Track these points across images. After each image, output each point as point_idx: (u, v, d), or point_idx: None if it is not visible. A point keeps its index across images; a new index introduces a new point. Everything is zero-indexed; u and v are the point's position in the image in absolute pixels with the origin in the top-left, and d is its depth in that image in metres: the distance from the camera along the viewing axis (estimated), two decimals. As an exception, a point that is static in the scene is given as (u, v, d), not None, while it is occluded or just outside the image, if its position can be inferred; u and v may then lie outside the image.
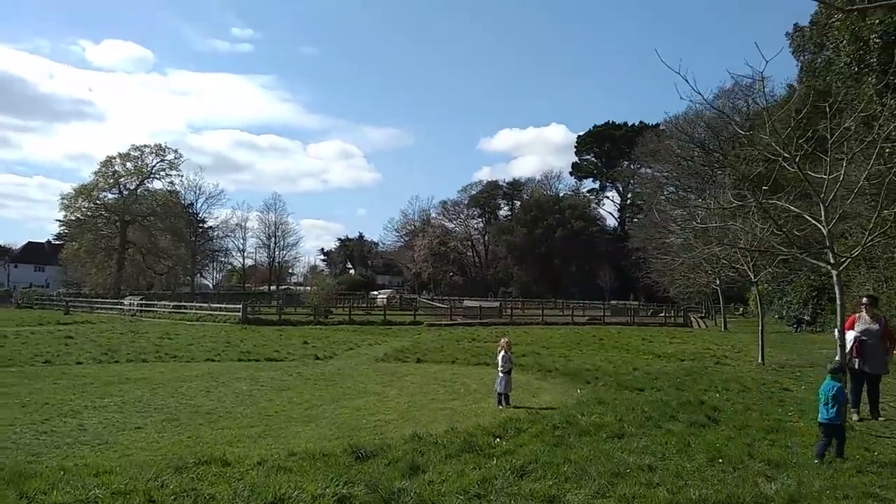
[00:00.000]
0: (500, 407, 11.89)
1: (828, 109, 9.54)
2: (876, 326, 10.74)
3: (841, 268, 10.12)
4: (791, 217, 11.11)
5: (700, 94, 10.25)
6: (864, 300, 11.09)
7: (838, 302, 10.17)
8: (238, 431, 9.92)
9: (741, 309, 57.74)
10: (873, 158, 9.79)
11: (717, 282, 37.85)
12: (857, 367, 10.73)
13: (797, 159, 9.86)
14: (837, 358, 10.27)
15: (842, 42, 18.16)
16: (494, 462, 7.69)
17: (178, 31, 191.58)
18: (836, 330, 10.86)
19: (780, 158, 10.46)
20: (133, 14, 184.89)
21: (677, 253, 44.62)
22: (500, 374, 12.17)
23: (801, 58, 31.81)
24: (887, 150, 10.40)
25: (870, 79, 17.01)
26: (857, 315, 10.93)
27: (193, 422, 10.65)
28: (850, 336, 10.69)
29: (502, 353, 12.38)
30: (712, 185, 46.01)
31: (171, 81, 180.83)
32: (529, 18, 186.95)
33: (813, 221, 10.31)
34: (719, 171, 56.33)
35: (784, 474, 7.30)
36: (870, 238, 9.91)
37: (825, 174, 10.29)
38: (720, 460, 7.80)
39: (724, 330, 39.08)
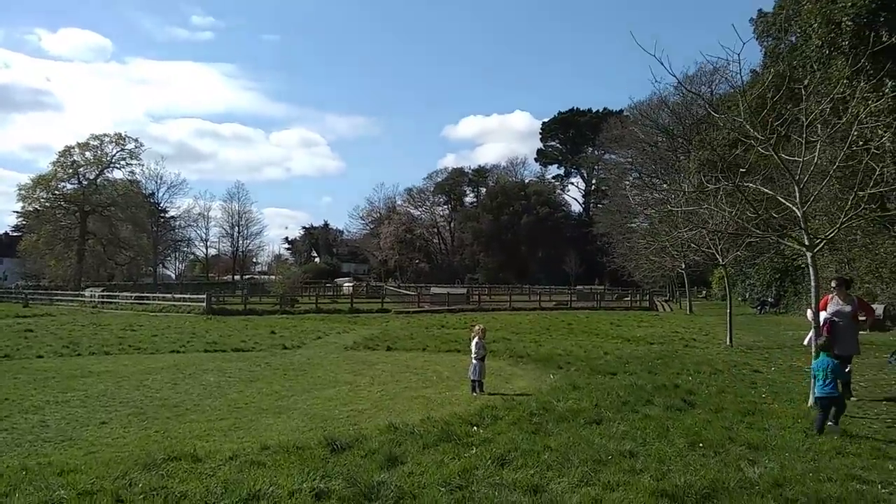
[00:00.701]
0: (475, 394, 11.75)
1: (803, 91, 9.50)
2: (848, 308, 10.79)
3: (816, 249, 10.12)
4: (764, 199, 11.08)
5: (675, 75, 10.12)
6: (833, 283, 11.14)
7: (812, 283, 10.18)
8: (207, 425, 9.62)
9: (704, 292, 58.52)
10: (849, 140, 9.77)
11: (683, 265, 38.20)
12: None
13: (771, 141, 9.81)
14: (810, 336, 10.31)
15: (813, 25, 18.23)
16: (474, 451, 7.53)
17: (137, 20, 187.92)
18: (808, 311, 10.87)
19: (753, 140, 10.43)
20: (90, 2, 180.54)
21: (642, 237, 45.07)
22: (474, 361, 12.01)
23: (765, 43, 31.99)
24: (854, 134, 10.36)
25: (839, 62, 17.13)
26: (830, 297, 10.97)
27: (161, 415, 10.31)
28: (822, 317, 10.73)
29: (476, 339, 12.22)
30: (676, 170, 46.40)
31: (131, 70, 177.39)
32: (493, 5, 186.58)
33: (787, 203, 10.29)
34: (683, 157, 56.89)
35: (765, 457, 7.26)
36: (846, 218, 9.89)
37: (798, 156, 10.26)
38: (700, 445, 7.73)
39: (690, 313, 39.50)
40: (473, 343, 12.21)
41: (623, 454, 7.32)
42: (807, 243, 10.14)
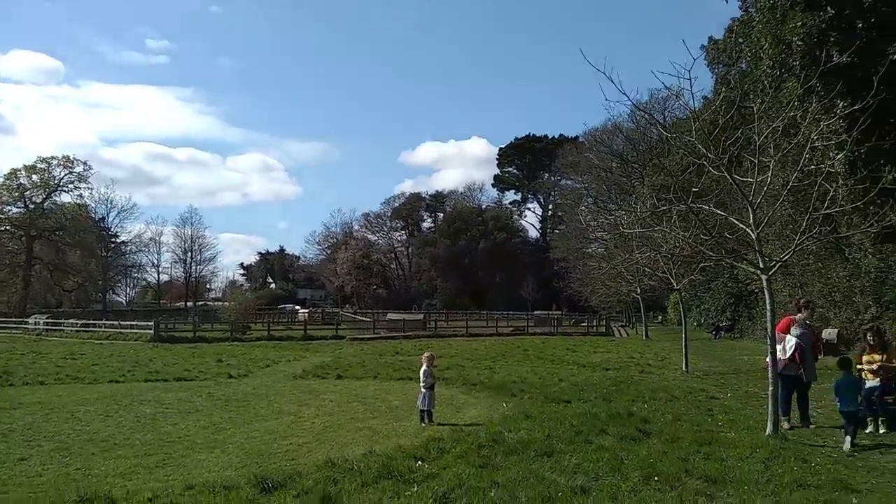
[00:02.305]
0: (423, 424, 11.24)
1: (755, 112, 9.32)
2: (809, 332, 10.59)
3: (770, 272, 9.88)
4: (717, 223, 10.86)
5: (625, 93, 9.87)
6: (802, 302, 10.94)
7: (768, 307, 9.93)
8: (134, 461, 8.97)
9: (660, 317, 58.81)
10: (802, 161, 9.60)
11: (638, 290, 38.22)
12: (794, 373, 10.54)
13: (724, 161, 9.59)
14: (768, 359, 10.05)
15: (763, 46, 18.33)
16: (415, 489, 7.00)
17: (91, 43, 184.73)
18: (788, 336, 10.58)
19: (706, 161, 10.21)
20: (42, 25, 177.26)
21: (598, 262, 45.13)
22: (423, 390, 11.53)
23: (716, 70, 32.44)
24: (807, 155, 10.21)
25: (790, 83, 17.21)
26: (794, 318, 10.72)
27: (85, 451, 9.65)
28: (791, 340, 10.46)
29: (424, 367, 11.76)
30: (631, 195, 46.67)
31: (84, 94, 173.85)
32: (449, 33, 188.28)
33: (741, 226, 10.06)
34: (637, 182, 57.47)
35: (723, 492, 6.86)
36: (801, 240, 9.68)
37: (752, 178, 10.06)
38: (656, 478, 7.31)
39: (646, 338, 39.46)
40: (422, 371, 11.76)
41: (574, 490, 6.87)
42: (761, 266, 9.90)
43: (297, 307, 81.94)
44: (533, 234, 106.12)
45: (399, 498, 6.70)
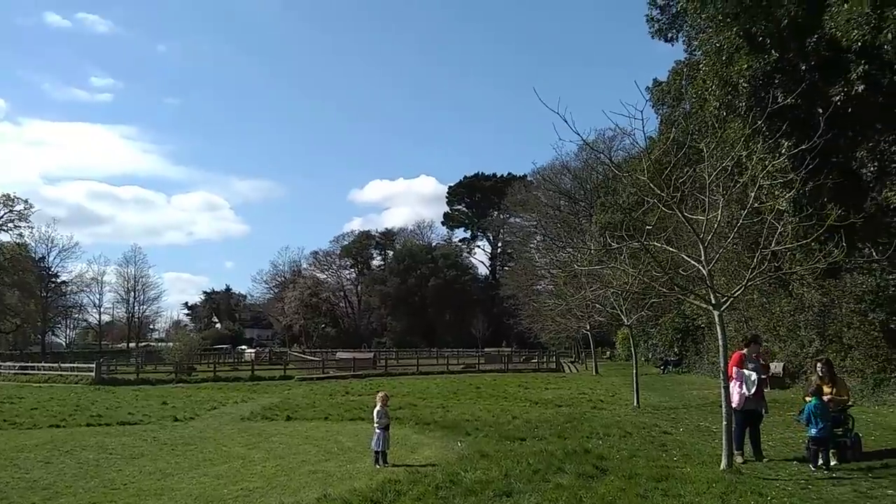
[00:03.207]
0: (378, 466, 11.02)
1: (704, 150, 9.53)
2: (759, 365, 10.75)
3: (723, 308, 10.03)
4: (669, 259, 11.03)
5: (578, 133, 10.00)
6: (750, 337, 11.11)
7: (720, 342, 10.05)
8: (76, 511, 8.58)
9: (609, 352, 59.30)
10: (751, 199, 9.83)
11: (588, 326, 38.57)
12: (754, 407, 10.67)
13: (675, 199, 9.76)
14: (723, 395, 10.14)
15: (710, 87, 18.85)
16: (373, 534, 6.82)
17: (33, 80, 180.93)
18: (752, 373, 10.69)
19: (657, 199, 10.38)
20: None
21: (548, 299, 45.45)
22: (377, 431, 11.32)
23: (660, 111, 33.26)
24: (752, 194, 10.47)
25: (736, 124, 17.72)
26: (743, 353, 10.86)
27: (26, 500, 9.31)
28: (752, 375, 10.58)
29: (378, 407, 11.56)
30: (579, 232, 47.33)
31: (26, 131, 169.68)
32: (396, 66, 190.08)
33: (692, 262, 10.22)
34: (585, 220, 58.41)
35: (684, 528, 6.84)
36: (753, 275, 9.87)
37: (702, 215, 10.26)
38: (616, 516, 7.26)
39: (596, 374, 39.68)
40: (375, 411, 11.56)
41: (536, 531, 6.77)
42: (713, 301, 10.05)
43: (244, 347, 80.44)
44: (483, 271, 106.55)
45: (357, 544, 6.50)
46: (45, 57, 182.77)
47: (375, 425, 11.39)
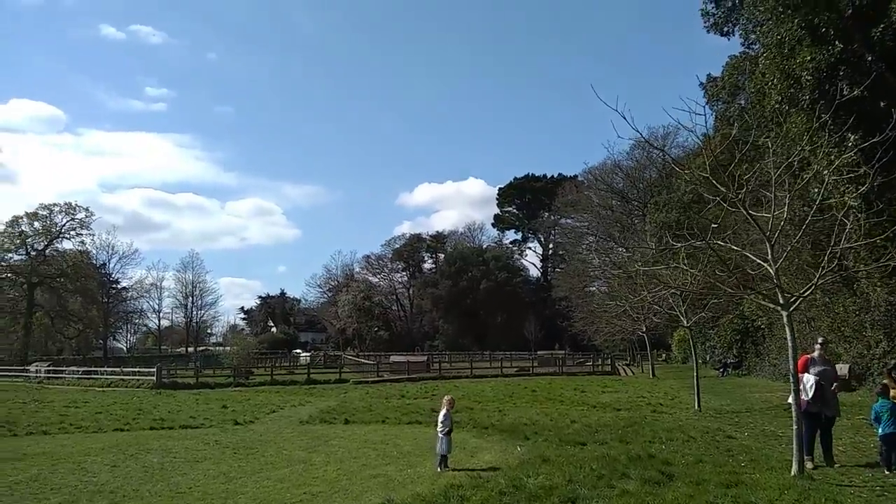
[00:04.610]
0: (439, 470, 10.97)
1: (769, 145, 9.26)
2: (829, 368, 10.41)
3: (791, 308, 9.72)
4: (734, 258, 10.74)
5: (638, 130, 9.82)
6: (819, 340, 10.76)
7: (790, 343, 9.74)
8: (144, 514, 8.72)
9: (664, 355, 58.34)
10: (820, 195, 9.51)
11: (644, 328, 38.00)
12: (816, 410, 10.33)
13: (740, 196, 9.49)
14: (790, 400, 9.83)
15: (772, 81, 18.33)
16: (441, 540, 6.77)
17: (90, 91, 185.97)
18: (790, 374, 10.40)
19: (720, 196, 10.12)
20: (41, 74, 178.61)
21: (602, 301, 44.92)
22: (440, 435, 11.26)
23: (715, 107, 32.59)
24: (815, 191, 10.14)
25: (798, 118, 17.19)
26: (810, 356, 10.55)
27: (95, 504, 9.39)
28: (810, 380, 10.27)
29: (444, 410, 11.51)
30: (632, 232, 46.72)
31: (84, 141, 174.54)
32: (443, 71, 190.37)
33: (758, 261, 9.92)
34: (637, 220, 57.60)
35: (759, 537, 6.63)
36: (823, 272, 9.54)
37: (766, 213, 9.97)
38: (687, 524, 7.08)
39: (653, 377, 39.01)
40: (441, 415, 11.48)
41: (606, 539, 6.63)
42: (781, 302, 9.74)
43: (299, 351, 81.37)
44: (534, 273, 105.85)
45: (424, 550, 6.45)
46: (101, 68, 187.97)
47: (440, 429, 11.33)
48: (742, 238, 12.48)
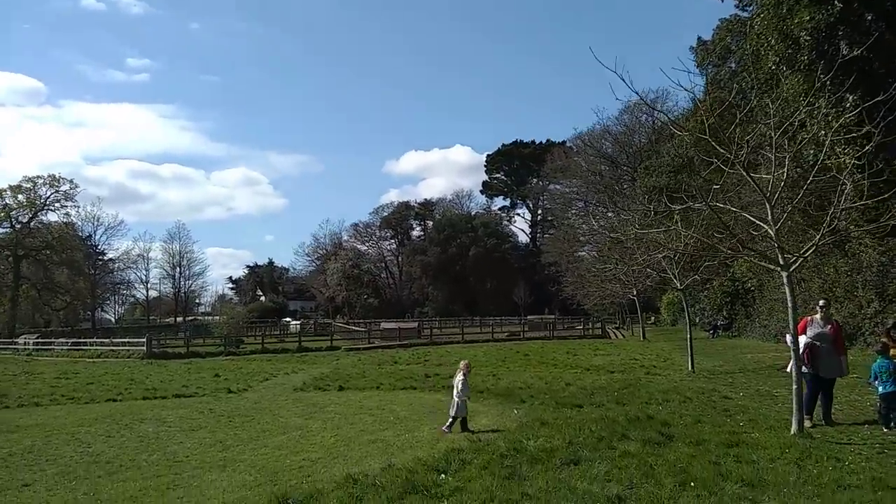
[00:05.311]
0: (448, 433, 10.93)
1: (770, 105, 9.11)
2: (829, 329, 10.36)
3: (791, 269, 9.65)
4: (733, 219, 10.65)
5: (637, 92, 9.64)
6: (821, 303, 10.71)
7: (789, 304, 9.69)
8: (143, 483, 8.65)
9: (653, 318, 58.68)
10: (822, 155, 9.39)
11: (635, 292, 38.12)
12: (808, 371, 10.32)
13: (741, 157, 9.36)
14: (792, 363, 9.82)
15: (770, 41, 18.06)
16: (445, 504, 6.71)
17: (71, 63, 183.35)
18: (787, 335, 10.40)
19: (718, 158, 10.00)
20: (21, 46, 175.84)
21: (591, 265, 45.02)
22: (457, 400, 11.21)
23: (706, 71, 32.33)
24: (818, 151, 10.03)
25: (795, 79, 16.98)
26: (810, 318, 10.52)
27: (91, 474, 9.30)
28: (803, 341, 10.26)
29: (460, 376, 11.46)
30: (623, 197, 46.67)
31: (65, 113, 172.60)
32: (428, 38, 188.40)
33: (758, 223, 9.83)
34: (627, 185, 57.53)
35: (765, 496, 6.61)
36: (825, 231, 9.47)
37: (764, 174, 9.86)
38: (692, 484, 7.05)
39: (644, 339, 39.24)
40: (458, 380, 11.41)
41: (611, 500, 6.60)
42: (781, 262, 9.67)
43: (288, 319, 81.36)
44: (523, 238, 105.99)
45: (429, 514, 6.40)
46: (81, 40, 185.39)
47: (457, 395, 11.27)
48: (735, 201, 12.35)
